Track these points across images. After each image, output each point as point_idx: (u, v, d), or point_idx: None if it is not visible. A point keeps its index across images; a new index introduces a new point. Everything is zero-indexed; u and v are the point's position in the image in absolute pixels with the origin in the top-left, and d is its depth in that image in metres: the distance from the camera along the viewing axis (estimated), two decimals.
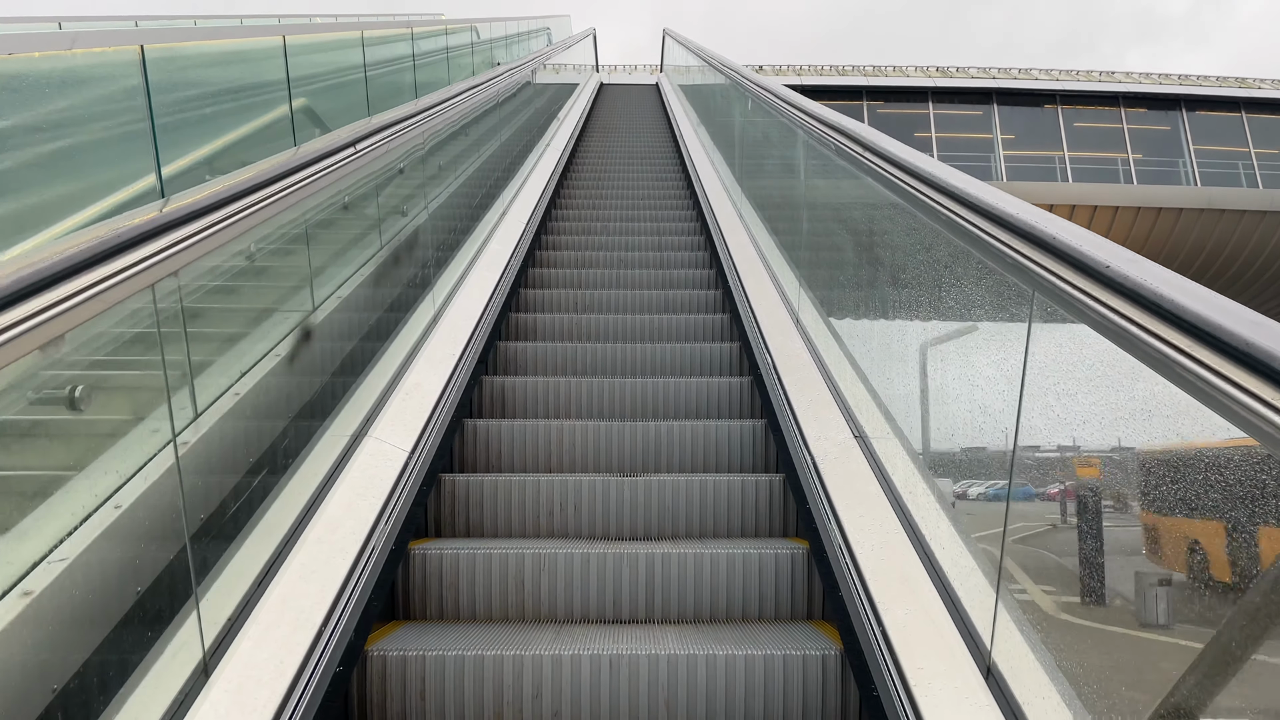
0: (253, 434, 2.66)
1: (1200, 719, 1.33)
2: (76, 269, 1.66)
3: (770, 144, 5.87)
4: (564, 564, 2.95)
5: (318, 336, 3.16)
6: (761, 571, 2.96)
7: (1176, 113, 22.97)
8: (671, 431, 3.89)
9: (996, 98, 23.14)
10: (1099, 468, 1.79)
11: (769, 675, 2.54)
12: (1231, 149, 22.70)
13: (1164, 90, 23.07)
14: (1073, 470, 1.93)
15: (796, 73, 24.08)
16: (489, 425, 3.91)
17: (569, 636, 2.71)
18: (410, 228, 4.40)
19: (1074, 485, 1.90)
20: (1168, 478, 1.45)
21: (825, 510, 2.90)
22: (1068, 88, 23.09)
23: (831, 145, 3.76)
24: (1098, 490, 1.80)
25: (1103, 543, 1.80)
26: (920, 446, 2.77)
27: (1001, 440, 2.19)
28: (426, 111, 4.54)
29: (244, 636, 2.18)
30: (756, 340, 4.41)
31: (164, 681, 1.94)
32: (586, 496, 3.42)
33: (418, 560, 2.97)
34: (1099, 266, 1.61)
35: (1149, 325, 1.46)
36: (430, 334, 4.16)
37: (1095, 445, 1.80)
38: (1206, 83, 23.54)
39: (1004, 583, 2.07)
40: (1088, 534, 1.86)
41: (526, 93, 9.47)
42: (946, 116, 23.27)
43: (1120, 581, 1.71)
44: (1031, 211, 1.98)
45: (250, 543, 2.41)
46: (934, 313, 2.81)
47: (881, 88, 23.45)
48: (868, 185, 3.27)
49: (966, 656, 2.11)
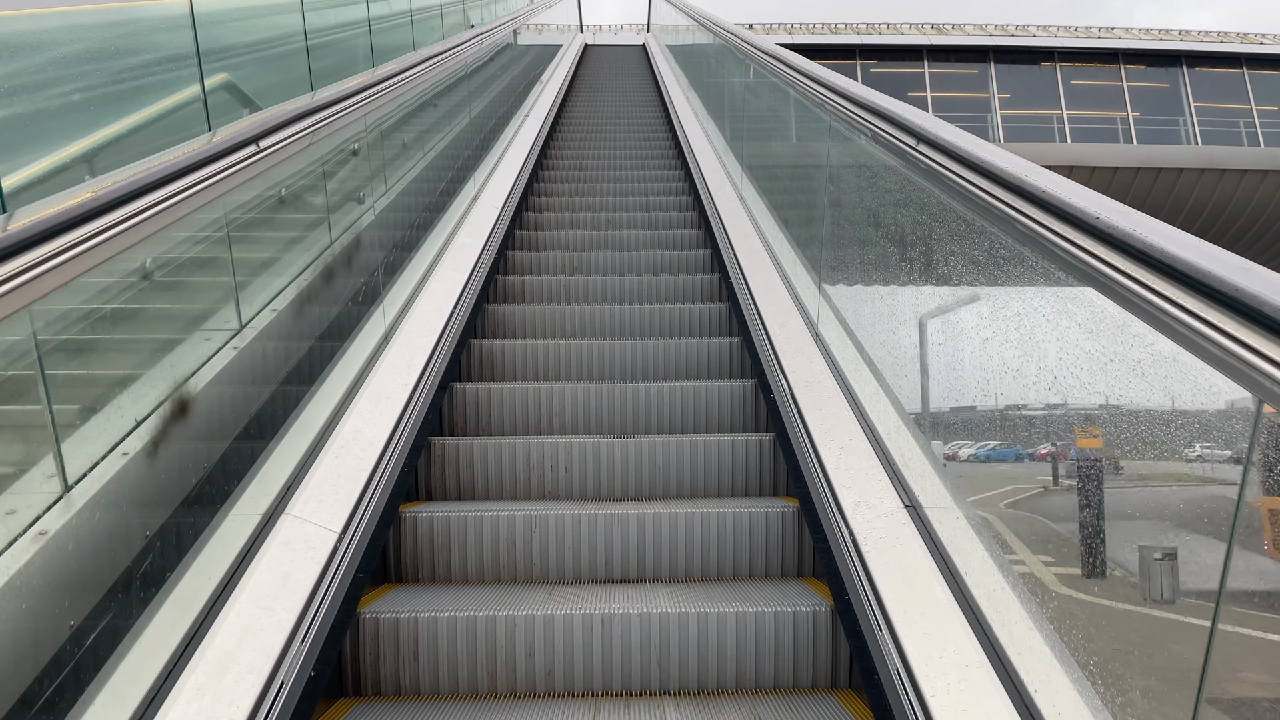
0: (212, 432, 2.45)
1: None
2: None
3: (765, 107, 5.89)
4: (555, 525, 3.03)
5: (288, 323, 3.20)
6: (752, 530, 3.05)
7: (1177, 70, 22.97)
8: (662, 393, 3.98)
9: (993, 56, 23.09)
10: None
11: (760, 631, 2.63)
12: (1233, 106, 22.74)
13: (1164, 46, 23.05)
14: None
15: (788, 31, 23.97)
16: (478, 388, 3.98)
17: (561, 596, 2.80)
18: (378, 207, 4.15)
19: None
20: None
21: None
22: (1066, 45, 23.05)
23: (817, 102, 3.81)
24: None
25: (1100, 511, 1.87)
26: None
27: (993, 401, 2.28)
28: (373, 89, 3.87)
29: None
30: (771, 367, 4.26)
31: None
32: (577, 458, 3.50)
33: (409, 523, 3.05)
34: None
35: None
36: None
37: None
38: (1208, 38, 23.53)
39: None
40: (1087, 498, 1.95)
41: (504, 57, 9.24)
42: (942, 76, 23.24)
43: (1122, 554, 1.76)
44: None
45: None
46: (925, 272, 2.89)
47: (875, 46, 23.38)
48: (859, 147, 3.35)
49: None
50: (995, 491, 2.24)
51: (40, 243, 1.63)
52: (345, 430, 3.01)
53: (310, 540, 2.48)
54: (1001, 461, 2.26)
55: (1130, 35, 23.67)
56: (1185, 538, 1.47)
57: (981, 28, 23.90)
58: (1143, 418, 1.63)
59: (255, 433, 2.69)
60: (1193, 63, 22.93)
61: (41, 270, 1.62)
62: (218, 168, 2.34)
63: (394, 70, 4.33)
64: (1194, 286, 1.39)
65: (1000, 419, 2.25)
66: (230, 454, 2.54)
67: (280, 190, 3.08)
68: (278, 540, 2.43)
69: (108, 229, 1.83)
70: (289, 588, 2.29)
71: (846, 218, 3.71)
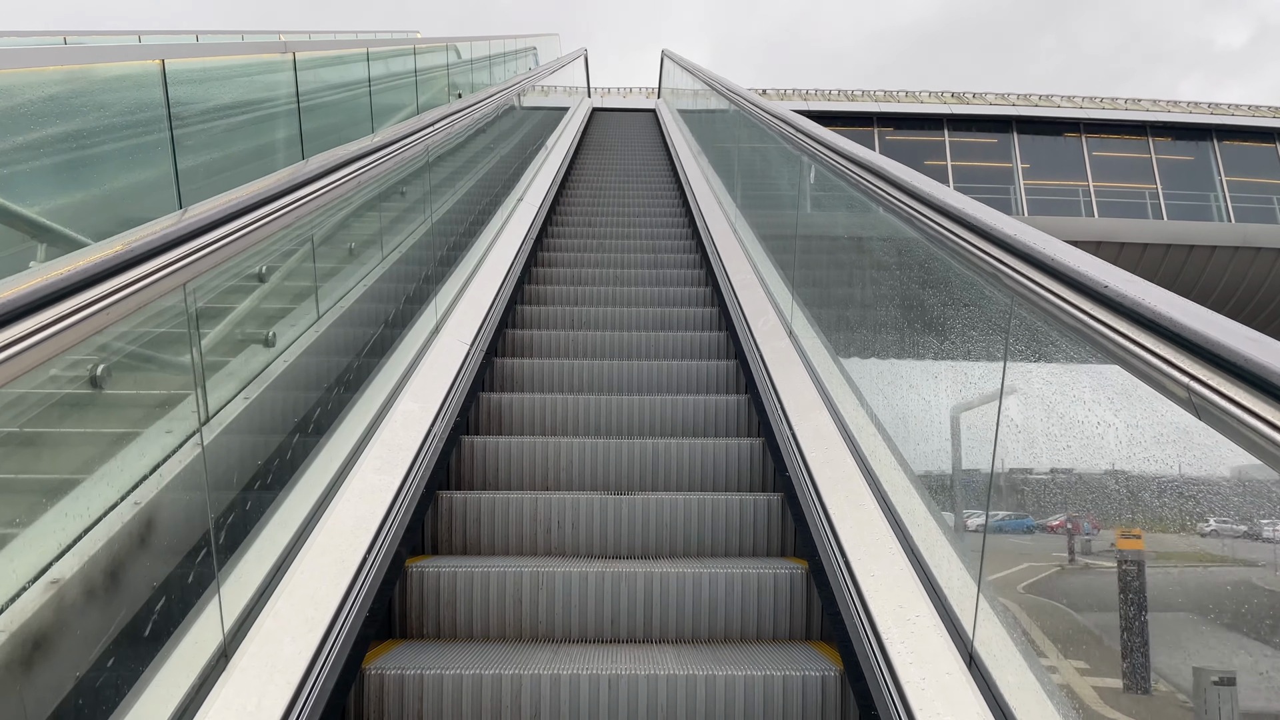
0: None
1: None
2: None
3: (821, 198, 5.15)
4: (561, 582, 3.20)
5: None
6: (760, 591, 3.21)
7: (1208, 143, 23.52)
8: (669, 450, 4.19)
9: (1016, 126, 23.71)
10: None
11: (768, 696, 2.78)
12: (1267, 181, 23.20)
13: (1194, 120, 23.63)
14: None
15: (803, 97, 24.68)
16: (486, 442, 4.20)
17: (567, 656, 2.95)
18: (373, 276, 4.11)
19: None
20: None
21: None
22: (1092, 116, 23.68)
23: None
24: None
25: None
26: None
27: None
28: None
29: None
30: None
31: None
32: (585, 514, 3.70)
33: (415, 578, 3.22)
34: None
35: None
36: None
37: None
38: (1239, 112, 24.15)
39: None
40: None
41: (504, 123, 8.64)
42: (963, 145, 23.82)
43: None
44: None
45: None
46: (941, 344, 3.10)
47: (894, 114, 24.03)
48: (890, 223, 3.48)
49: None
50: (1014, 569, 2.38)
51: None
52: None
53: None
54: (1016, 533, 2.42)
55: (1158, 107, 24.31)
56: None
57: (1003, 97, 24.59)
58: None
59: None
60: (1224, 136, 23.48)
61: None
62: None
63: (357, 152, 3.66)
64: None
65: (1018, 502, 2.44)
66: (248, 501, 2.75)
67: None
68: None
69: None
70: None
71: (879, 300, 3.78)
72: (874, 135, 23.48)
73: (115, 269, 1.96)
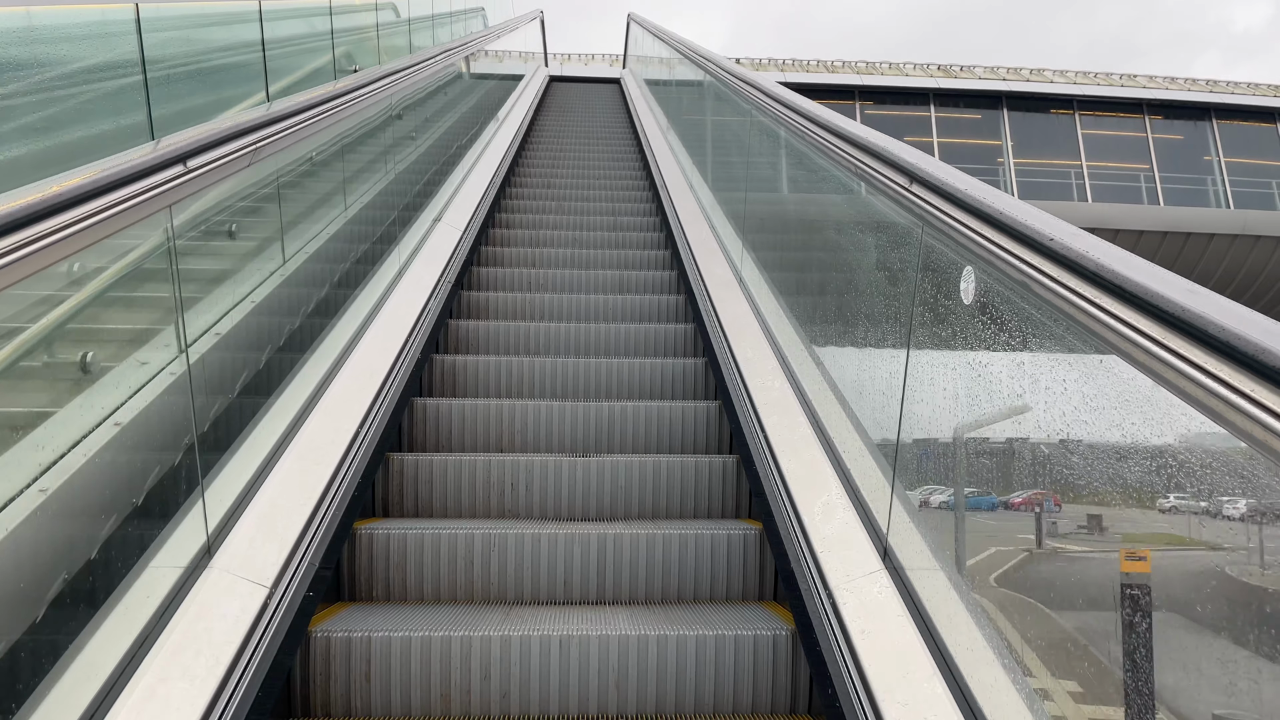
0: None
1: None
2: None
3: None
4: (514, 544, 3.43)
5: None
6: (714, 552, 3.46)
7: (1205, 123, 24.02)
8: (626, 412, 4.45)
9: (1006, 102, 24.10)
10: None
11: (720, 655, 3.01)
12: (1267, 163, 23.73)
13: (1191, 98, 24.10)
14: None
15: (780, 68, 24.94)
16: (439, 404, 4.42)
17: (519, 617, 3.16)
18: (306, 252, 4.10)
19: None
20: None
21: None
22: (1085, 92, 24.09)
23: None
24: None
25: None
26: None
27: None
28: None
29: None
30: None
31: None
32: (539, 476, 3.93)
33: (364, 540, 3.43)
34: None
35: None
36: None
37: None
38: (1238, 90, 24.67)
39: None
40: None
41: (438, 99, 7.64)
42: (950, 121, 24.16)
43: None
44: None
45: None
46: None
47: (876, 88, 24.32)
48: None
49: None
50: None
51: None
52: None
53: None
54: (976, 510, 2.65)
55: (1155, 84, 24.78)
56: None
57: (993, 71, 24.99)
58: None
59: (211, 444, 2.99)
60: (1222, 115, 23.98)
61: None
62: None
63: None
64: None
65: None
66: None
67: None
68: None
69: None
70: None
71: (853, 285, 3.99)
72: (855, 109, 23.77)
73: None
